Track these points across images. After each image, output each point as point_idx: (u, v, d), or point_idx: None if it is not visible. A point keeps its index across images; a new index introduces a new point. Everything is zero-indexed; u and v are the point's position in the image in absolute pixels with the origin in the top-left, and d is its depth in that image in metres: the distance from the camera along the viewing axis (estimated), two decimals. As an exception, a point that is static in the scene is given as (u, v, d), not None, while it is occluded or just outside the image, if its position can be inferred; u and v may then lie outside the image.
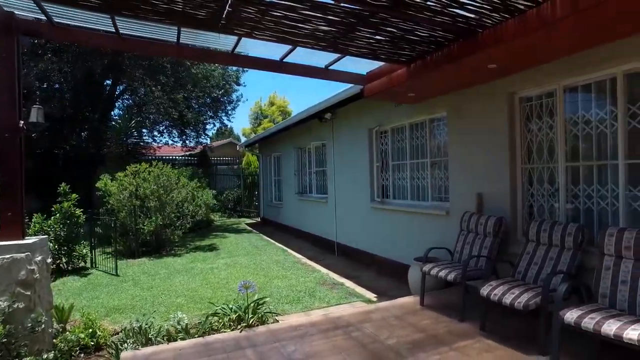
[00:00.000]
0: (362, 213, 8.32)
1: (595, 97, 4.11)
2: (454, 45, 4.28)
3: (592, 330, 2.91)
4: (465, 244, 5.05)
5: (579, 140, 4.25)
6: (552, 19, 3.27)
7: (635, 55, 3.61)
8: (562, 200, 4.36)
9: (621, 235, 3.37)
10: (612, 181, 3.93)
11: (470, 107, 5.40)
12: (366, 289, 6.68)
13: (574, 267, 3.81)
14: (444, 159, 6.11)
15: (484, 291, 3.86)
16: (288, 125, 11.55)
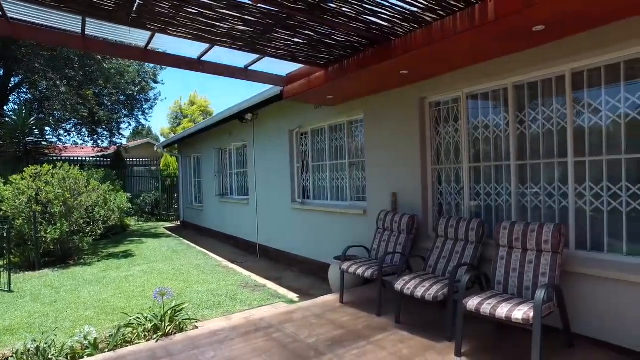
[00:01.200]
0: (284, 214, 8.35)
1: (492, 105, 4.54)
2: (369, 51, 4.47)
3: (489, 314, 3.21)
4: (381, 241, 5.30)
5: (480, 143, 4.66)
6: (453, 32, 3.56)
7: (521, 69, 4.05)
8: (467, 198, 4.76)
9: (512, 228, 3.77)
10: (506, 180, 4.38)
11: (385, 110, 5.68)
12: (288, 290, 6.72)
13: (476, 259, 4.17)
14: (362, 160, 6.35)
15: (398, 286, 4.07)
16: (208, 125, 11.23)
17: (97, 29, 4.42)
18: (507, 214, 4.36)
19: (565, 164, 3.86)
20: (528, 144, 4.18)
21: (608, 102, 3.59)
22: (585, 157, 3.73)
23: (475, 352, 3.53)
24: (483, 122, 4.61)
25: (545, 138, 4.05)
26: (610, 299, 3.42)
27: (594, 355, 3.39)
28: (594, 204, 3.68)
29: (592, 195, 3.70)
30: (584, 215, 3.76)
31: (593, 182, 3.69)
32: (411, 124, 5.28)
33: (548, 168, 4.03)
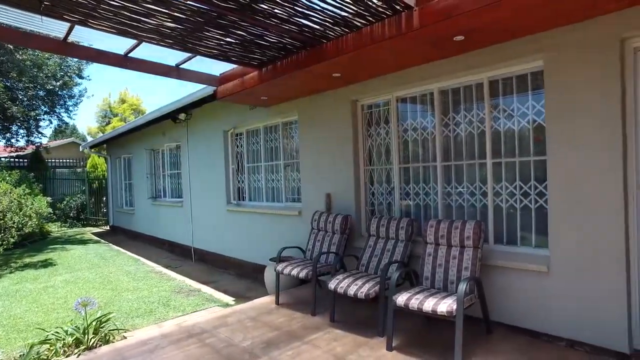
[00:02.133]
0: (219, 216, 8.18)
1: (420, 108, 4.76)
2: (302, 53, 4.51)
3: (416, 308, 3.36)
4: (316, 241, 5.36)
5: (409, 145, 4.88)
6: (382, 37, 3.69)
7: (445, 75, 4.30)
8: (397, 198, 4.95)
9: (438, 226, 3.98)
10: (433, 180, 4.61)
11: (319, 111, 5.76)
12: (224, 293, 6.59)
13: (406, 256, 4.35)
14: (297, 161, 6.39)
15: (331, 285, 4.14)
16: (140, 124, 10.69)
17: (10, 17, 4.05)
18: (434, 212, 4.60)
19: (484, 165, 4.14)
20: (452, 146, 4.45)
21: (519, 109, 3.91)
22: (501, 158, 4.03)
23: (406, 345, 3.68)
24: (412, 125, 4.82)
25: (468, 140, 4.32)
26: (522, 287, 3.73)
27: (509, 340, 3.68)
28: (509, 201, 4.00)
29: (508, 194, 4.01)
30: (501, 212, 4.06)
31: (508, 182, 4.00)
32: (344, 126, 5.39)
33: (470, 169, 4.30)
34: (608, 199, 3.25)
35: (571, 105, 3.42)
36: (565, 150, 3.46)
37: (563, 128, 3.47)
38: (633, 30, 3.13)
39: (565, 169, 3.47)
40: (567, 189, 3.46)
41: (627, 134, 3.22)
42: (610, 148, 3.23)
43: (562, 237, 3.50)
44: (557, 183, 3.52)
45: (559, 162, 3.51)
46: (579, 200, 3.39)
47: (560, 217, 3.51)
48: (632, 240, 3.23)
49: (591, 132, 3.32)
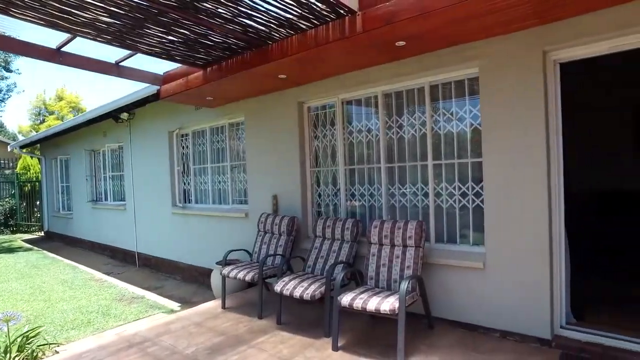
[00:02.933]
0: (164, 219, 7.90)
1: (365, 111, 4.86)
2: (247, 53, 4.46)
3: (361, 308, 3.42)
4: (262, 243, 5.32)
5: (355, 147, 4.96)
6: (326, 40, 3.73)
7: (389, 79, 4.42)
8: (343, 199, 5.02)
9: (382, 226, 4.08)
10: (377, 181, 4.72)
11: (266, 113, 5.72)
12: (170, 299, 6.37)
13: (351, 257, 4.42)
14: (244, 163, 6.30)
15: (277, 287, 4.12)
16: (78, 123, 10.09)
17: None
18: (379, 213, 4.71)
19: (426, 167, 4.30)
20: (396, 148, 4.57)
21: (458, 113, 4.10)
22: (442, 160, 4.20)
23: (352, 344, 3.73)
24: (357, 127, 4.92)
25: (410, 143, 4.46)
26: (461, 284, 3.91)
27: (449, 334, 3.84)
28: (449, 201, 4.17)
29: (448, 194, 4.18)
30: (441, 212, 4.23)
31: (448, 183, 4.18)
32: (290, 128, 5.40)
33: (413, 170, 4.45)
34: (535, 198, 3.48)
35: (502, 110, 3.63)
36: (498, 152, 3.67)
37: (496, 132, 3.68)
38: (552, 44, 3.39)
39: (499, 170, 3.67)
40: (500, 189, 3.67)
41: (550, 139, 3.46)
42: (536, 151, 3.46)
43: (496, 235, 3.71)
44: (492, 184, 3.72)
45: (493, 164, 3.71)
46: (511, 199, 3.61)
47: (494, 216, 3.72)
48: (554, 235, 3.48)
49: (520, 136, 3.54)
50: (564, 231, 3.54)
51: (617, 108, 6.01)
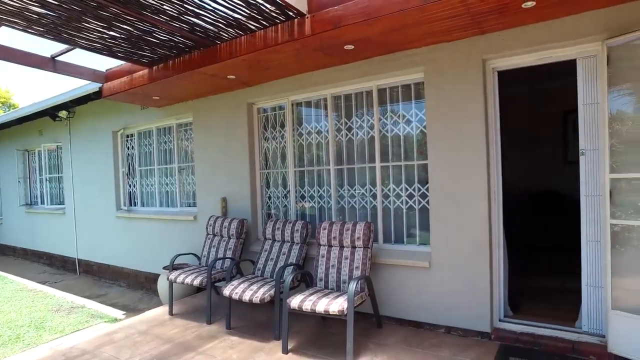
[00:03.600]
0: (108, 223, 7.52)
1: (315, 113, 4.89)
2: (195, 53, 4.35)
3: (310, 310, 3.43)
4: (211, 247, 5.20)
5: (304, 149, 4.98)
6: (275, 41, 3.72)
7: (337, 82, 4.47)
8: (293, 201, 5.02)
9: (331, 228, 4.12)
10: (327, 183, 4.77)
11: (215, 113, 5.61)
12: (113, 307, 6.07)
13: (301, 259, 4.42)
14: (192, 164, 6.14)
15: (226, 291, 4.04)
16: (10, 120, 9.38)
17: None
18: (328, 214, 4.75)
19: (374, 169, 4.39)
20: (345, 150, 4.64)
21: (404, 116, 4.22)
22: (389, 162, 4.31)
23: (302, 346, 3.73)
24: (307, 129, 4.94)
25: (359, 145, 4.54)
26: (408, 283, 4.02)
27: (396, 332, 3.94)
28: (396, 203, 4.28)
29: (395, 196, 4.29)
30: (389, 213, 4.34)
31: (395, 184, 4.29)
32: (240, 129, 5.33)
33: (361, 172, 4.53)
34: (476, 199, 3.65)
35: (446, 114, 3.78)
36: (443, 155, 3.82)
37: (441, 135, 3.82)
38: (490, 53, 3.58)
39: (443, 172, 3.82)
40: (444, 191, 3.82)
41: (489, 142, 3.65)
42: (477, 154, 3.64)
43: (441, 234, 3.85)
44: (437, 185, 3.86)
45: (438, 166, 3.85)
46: (454, 200, 3.76)
47: (439, 216, 3.86)
48: (494, 234, 3.67)
49: (463, 140, 3.70)
50: (502, 230, 3.74)
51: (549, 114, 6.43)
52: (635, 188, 3.03)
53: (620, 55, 3.03)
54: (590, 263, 3.34)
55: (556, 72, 3.64)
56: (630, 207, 3.01)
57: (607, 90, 3.07)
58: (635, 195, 3.01)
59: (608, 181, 3.06)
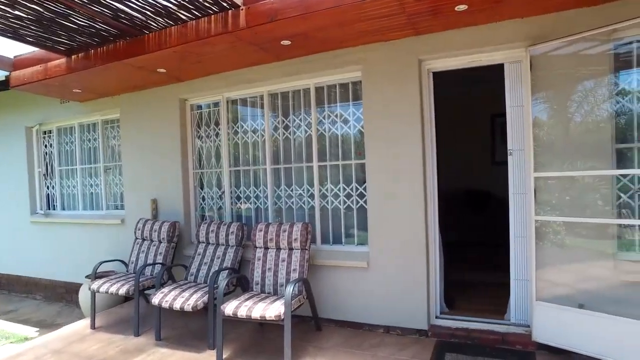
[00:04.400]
0: (21, 230, 6.76)
1: (251, 111, 4.73)
2: (121, 42, 4.02)
3: (245, 316, 3.26)
4: (140, 252, 4.83)
5: (240, 148, 4.78)
6: (208, 33, 3.52)
7: (274, 78, 4.34)
8: (228, 202, 4.81)
9: (267, 229, 3.97)
10: (263, 183, 4.61)
11: (145, 109, 5.24)
12: (25, 324, 5.45)
13: (237, 262, 4.23)
14: (120, 164, 5.70)
15: (155, 299, 3.75)
16: None
17: None
18: (265, 215, 4.60)
19: (312, 168, 4.31)
20: (282, 149, 4.52)
21: (342, 115, 4.19)
22: (327, 162, 4.25)
23: (237, 354, 3.54)
24: (243, 127, 4.75)
25: (296, 144, 4.44)
26: (347, 284, 3.98)
27: (336, 334, 3.87)
28: (334, 203, 4.23)
29: (333, 196, 4.24)
30: (327, 213, 4.27)
31: (333, 184, 4.24)
32: (172, 126, 5.02)
33: (298, 172, 4.43)
34: (413, 198, 3.69)
35: (383, 114, 3.79)
36: (380, 154, 3.82)
37: (378, 134, 3.83)
38: (426, 54, 3.65)
39: (380, 172, 3.82)
40: (382, 190, 3.82)
41: (425, 142, 3.71)
42: (413, 153, 3.68)
43: (379, 234, 3.85)
44: (374, 185, 3.86)
45: (375, 165, 3.85)
46: (391, 199, 3.78)
47: (377, 216, 3.86)
48: (430, 232, 3.73)
49: (399, 139, 3.73)
50: (437, 228, 3.82)
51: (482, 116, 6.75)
52: (552, 187, 3.22)
53: (539, 63, 3.22)
54: (518, 258, 3.50)
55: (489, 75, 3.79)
56: (548, 204, 3.19)
57: (530, 94, 3.23)
58: (552, 193, 3.20)
59: (533, 180, 3.21)
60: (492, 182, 6.24)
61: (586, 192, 3.11)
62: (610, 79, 3.06)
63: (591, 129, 3.15)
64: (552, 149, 3.22)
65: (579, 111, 3.20)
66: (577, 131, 3.21)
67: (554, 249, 3.22)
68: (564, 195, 3.18)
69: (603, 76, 3.08)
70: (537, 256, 3.21)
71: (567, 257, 3.19)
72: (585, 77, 3.15)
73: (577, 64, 3.17)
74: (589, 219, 3.05)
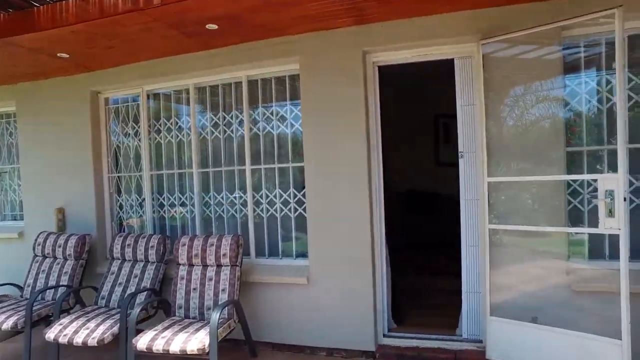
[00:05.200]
0: None
1: (175, 107, 4.14)
2: (2, 15, 3.27)
3: (162, 351, 2.72)
4: (39, 272, 4.03)
5: (163, 148, 4.17)
6: (114, 11, 2.92)
7: (201, 70, 3.80)
8: (149, 211, 4.17)
9: (192, 243, 3.42)
10: (189, 189, 4.04)
11: (48, 102, 4.43)
12: None
13: (158, 282, 3.62)
14: (17, 166, 4.82)
15: (50, 334, 3.06)
16: None
17: None
18: (192, 225, 4.03)
19: (244, 172, 3.81)
20: (211, 150, 3.98)
21: (278, 112, 3.73)
22: (261, 165, 3.77)
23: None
24: (166, 125, 4.14)
25: (227, 144, 3.93)
26: (285, 302, 3.53)
27: (273, 359, 3.42)
28: (270, 211, 3.76)
29: (268, 203, 3.77)
30: (262, 222, 3.79)
31: (268, 190, 3.76)
32: (82, 123, 4.28)
33: (230, 176, 3.91)
34: (357, 205, 3.32)
35: (323, 111, 3.40)
36: (320, 156, 3.42)
37: (317, 134, 3.43)
38: (370, 46, 3.29)
39: (321, 175, 3.42)
40: (323, 196, 3.42)
41: (370, 143, 3.35)
42: (356, 156, 3.31)
43: (320, 245, 3.44)
44: (314, 190, 3.45)
45: (315, 168, 3.44)
46: (334, 207, 3.38)
47: (317, 225, 3.45)
48: (376, 241, 3.38)
49: (340, 139, 3.35)
50: (384, 236, 3.48)
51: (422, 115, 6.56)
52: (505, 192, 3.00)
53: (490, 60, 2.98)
54: (470, 269, 3.24)
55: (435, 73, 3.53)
56: (502, 211, 2.96)
57: (483, 91, 2.97)
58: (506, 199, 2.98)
59: (486, 185, 2.95)
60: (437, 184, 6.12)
61: (543, 198, 2.91)
62: (560, 80, 2.88)
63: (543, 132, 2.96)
64: (504, 152, 2.98)
65: (530, 112, 3.00)
66: (528, 134, 3.01)
67: (507, 258, 2.99)
68: (518, 201, 2.96)
69: (554, 76, 2.90)
70: (491, 268, 2.96)
71: (521, 267, 2.98)
72: (536, 76, 2.96)
73: (528, 63, 2.97)
74: (547, 227, 2.85)
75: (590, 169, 2.87)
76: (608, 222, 2.51)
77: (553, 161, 2.82)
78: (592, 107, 2.92)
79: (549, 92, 2.92)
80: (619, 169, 2.46)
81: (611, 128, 2.75)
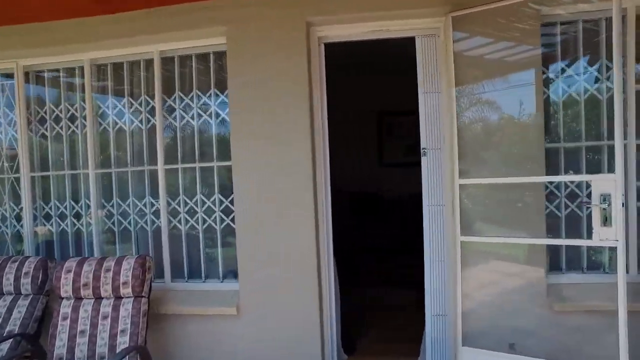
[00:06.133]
0: None
1: (66, 88, 3.22)
2: None
3: None
4: None
5: (49, 142, 3.22)
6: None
7: (100, 41, 2.94)
8: (29, 223, 3.20)
9: (80, 269, 2.54)
10: (85, 195, 3.15)
11: None
12: None
13: (34, 322, 2.68)
14: None
15: None
16: None
17: None
18: (89, 242, 3.14)
19: (156, 173, 3.00)
20: (113, 145, 3.13)
21: (200, 98, 2.98)
22: (178, 164, 2.99)
23: None
24: (53, 113, 3.20)
25: (134, 138, 3.11)
26: (208, 339, 2.79)
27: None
28: (189, 222, 2.99)
29: (187, 212, 2.99)
30: (179, 236, 3.01)
31: (188, 195, 2.99)
32: None
33: (138, 178, 3.09)
34: (300, 212, 2.68)
35: (257, 97, 2.71)
36: (252, 154, 2.73)
37: (250, 126, 2.74)
38: (317, 16, 2.66)
39: (253, 177, 2.73)
40: (256, 203, 2.73)
41: (314, 137, 2.72)
42: (299, 152, 2.67)
43: (253, 264, 2.75)
44: (244, 195, 2.75)
45: (246, 169, 2.75)
46: (269, 215, 2.72)
47: (249, 239, 2.76)
48: (322, 255, 2.75)
49: (279, 133, 2.69)
50: (332, 249, 2.86)
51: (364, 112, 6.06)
52: (480, 197, 2.52)
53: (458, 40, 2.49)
54: (436, 288, 2.71)
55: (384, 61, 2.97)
56: (478, 219, 2.46)
57: (454, 75, 2.46)
58: (479, 205, 2.50)
59: (457, 188, 2.43)
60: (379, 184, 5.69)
61: (527, 205, 2.45)
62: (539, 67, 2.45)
63: (522, 126, 2.52)
64: (478, 148, 2.49)
65: (505, 102, 2.54)
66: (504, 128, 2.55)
67: (480, 275, 2.50)
68: (495, 207, 2.49)
69: (533, 63, 2.47)
70: (463, 287, 2.45)
71: (496, 286, 2.51)
72: (513, 61, 2.51)
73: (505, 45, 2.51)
74: (533, 239, 2.41)
75: (590, 169, 2.46)
76: (603, 232, 2.09)
77: (537, 158, 2.36)
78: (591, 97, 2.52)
79: (526, 79, 2.48)
80: (616, 168, 2.04)
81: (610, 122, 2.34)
